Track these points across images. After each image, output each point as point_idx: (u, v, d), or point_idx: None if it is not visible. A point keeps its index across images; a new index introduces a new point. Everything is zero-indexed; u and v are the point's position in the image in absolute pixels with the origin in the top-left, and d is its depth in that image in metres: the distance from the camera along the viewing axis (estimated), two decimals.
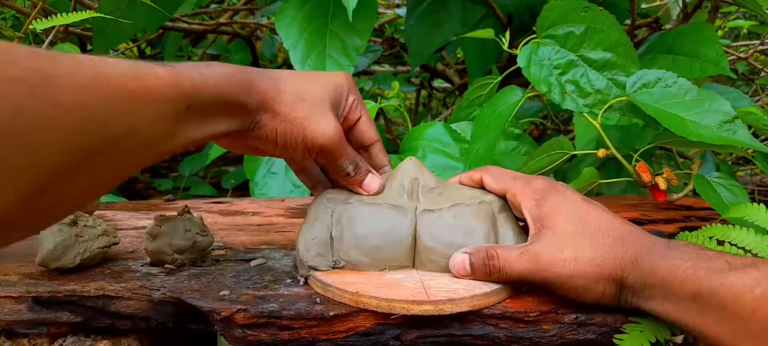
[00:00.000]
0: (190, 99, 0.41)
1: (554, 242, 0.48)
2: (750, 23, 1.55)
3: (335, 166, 0.54)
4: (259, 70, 0.50)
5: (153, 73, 0.38)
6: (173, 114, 0.40)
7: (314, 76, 0.54)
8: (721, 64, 0.87)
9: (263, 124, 0.49)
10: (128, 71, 0.36)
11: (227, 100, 0.45)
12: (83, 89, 0.33)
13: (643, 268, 0.46)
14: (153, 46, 1.74)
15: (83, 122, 0.33)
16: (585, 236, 0.48)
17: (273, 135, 0.50)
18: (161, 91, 0.38)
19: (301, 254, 0.53)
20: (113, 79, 0.35)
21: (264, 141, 0.50)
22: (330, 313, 0.47)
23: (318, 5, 0.95)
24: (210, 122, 0.44)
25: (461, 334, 0.48)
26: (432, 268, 0.53)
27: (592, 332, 0.49)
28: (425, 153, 0.86)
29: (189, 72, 0.41)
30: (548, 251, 0.48)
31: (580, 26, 0.79)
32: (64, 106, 0.32)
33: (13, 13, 1.15)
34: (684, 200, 0.83)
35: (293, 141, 0.50)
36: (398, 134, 1.63)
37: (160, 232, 0.55)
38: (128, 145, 0.37)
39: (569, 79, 0.78)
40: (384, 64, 2.00)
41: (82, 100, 0.33)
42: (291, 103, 0.50)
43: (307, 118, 0.50)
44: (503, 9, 1.12)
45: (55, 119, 0.31)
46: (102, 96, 0.34)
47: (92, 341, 0.52)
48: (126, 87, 0.35)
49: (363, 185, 0.56)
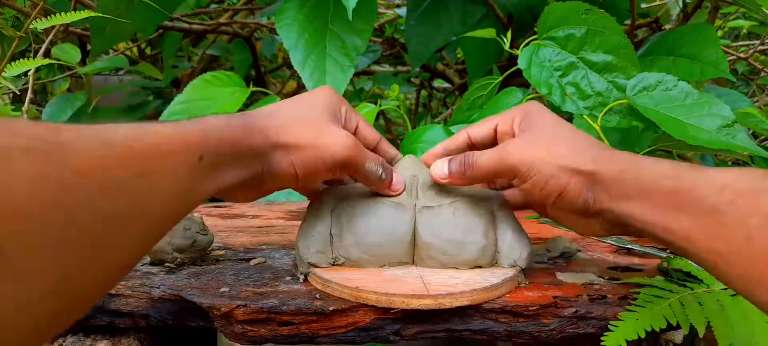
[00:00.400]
0: (200, 149, 0.40)
1: (526, 139, 0.50)
2: (750, 23, 1.55)
3: (363, 173, 0.52)
4: (251, 112, 0.49)
5: (156, 131, 0.37)
6: (187, 168, 0.38)
7: (302, 99, 0.53)
8: (720, 67, 0.87)
9: (278, 162, 0.48)
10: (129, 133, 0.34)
11: (234, 145, 0.44)
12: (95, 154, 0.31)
13: (618, 163, 0.46)
14: (152, 46, 1.74)
15: (105, 187, 0.31)
16: (558, 137, 0.49)
17: (291, 169, 0.48)
18: (169, 147, 0.37)
19: (301, 251, 0.53)
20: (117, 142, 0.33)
21: (284, 178, 0.49)
22: (329, 308, 0.48)
23: (318, 5, 0.95)
24: (224, 171, 0.43)
25: (461, 329, 0.49)
26: (431, 264, 0.53)
27: (592, 326, 0.49)
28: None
29: (192, 126, 0.40)
30: (517, 144, 0.50)
31: (581, 28, 0.79)
32: (82, 171, 0.29)
33: (13, 13, 1.15)
34: None
35: (314, 166, 0.49)
36: (398, 134, 1.63)
37: None
38: (151, 207, 0.35)
39: (570, 81, 0.79)
40: (384, 64, 2.00)
41: (98, 164, 0.31)
42: (296, 130, 0.49)
43: (318, 139, 0.49)
44: (503, 9, 1.12)
45: (77, 186, 0.29)
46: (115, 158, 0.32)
47: (92, 341, 0.52)
48: (132, 149, 0.34)
49: (392, 186, 0.55)
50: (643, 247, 0.63)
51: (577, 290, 0.52)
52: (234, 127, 0.44)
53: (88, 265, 0.30)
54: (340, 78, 0.90)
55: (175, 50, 1.61)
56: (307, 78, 0.89)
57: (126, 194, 0.32)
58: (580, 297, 0.51)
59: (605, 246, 0.65)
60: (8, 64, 0.77)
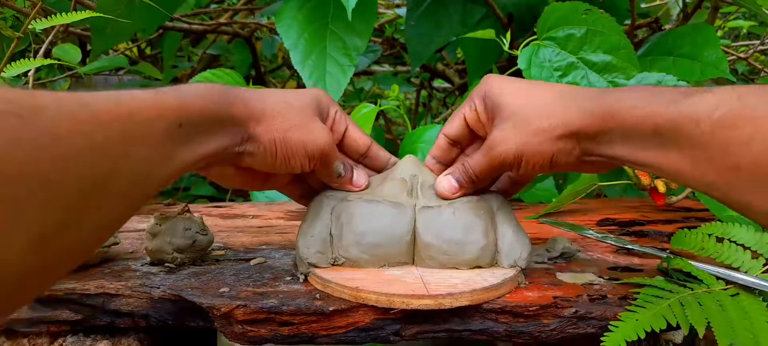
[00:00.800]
0: (179, 117, 0.40)
1: (501, 126, 0.50)
2: (750, 23, 1.55)
3: (329, 171, 0.54)
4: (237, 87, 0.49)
5: (133, 97, 0.37)
6: (164, 134, 0.38)
7: (292, 91, 0.54)
8: (720, 67, 0.87)
9: (259, 136, 0.48)
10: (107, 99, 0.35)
11: (214, 113, 0.44)
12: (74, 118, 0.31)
13: (596, 113, 0.46)
14: (153, 46, 1.74)
15: (83, 151, 0.31)
16: (526, 108, 0.49)
17: (272, 147, 0.48)
18: (146, 114, 0.37)
19: (301, 251, 0.53)
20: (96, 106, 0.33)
21: (262, 156, 0.48)
22: (329, 308, 0.48)
23: (318, 5, 0.95)
24: (204, 139, 0.43)
25: (461, 329, 0.49)
26: (431, 264, 0.53)
27: (592, 326, 0.49)
28: (424, 156, 0.86)
29: (169, 92, 0.40)
30: (497, 136, 0.50)
31: (580, 28, 0.79)
32: (60, 136, 0.30)
33: (12, 13, 1.15)
34: (683, 202, 0.83)
35: (295, 148, 0.49)
36: (398, 134, 1.63)
37: (159, 230, 0.55)
38: (129, 170, 0.35)
39: (570, 81, 0.79)
40: (384, 64, 2.00)
41: (76, 128, 0.31)
42: (282, 111, 0.49)
43: (302, 125, 0.49)
44: (503, 9, 1.12)
45: (55, 148, 0.29)
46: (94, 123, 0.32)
47: (92, 341, 0.52)
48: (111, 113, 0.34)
49: (353, 182, 0.56)
50: (643, 247, 0.63)
51: (577, 290, 0.52)
52: (216, 92, 0.45)
53: (68, 226, 0.31)
54: (340, 78, 0.90)
55: (175, 50, 1.61)
56: (307, 77, 0.89)
57: (103, 158, 0.33)
58: (580, 297, 0.51)
59: (605, 246, 0.65)
60: (8, 64, 0.77)
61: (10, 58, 0.80)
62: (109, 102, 0.35)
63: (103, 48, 1.16)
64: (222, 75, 0.94)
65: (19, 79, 0.95)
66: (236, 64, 1.63)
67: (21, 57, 0.84)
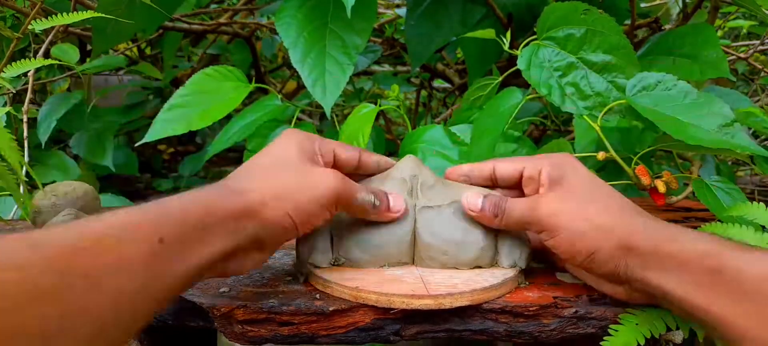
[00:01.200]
0: (157, 231, 0.37)
1: (558, 193, 0.49)
2: (750, 23, 1.55)
3: (356, 207, 0.50)
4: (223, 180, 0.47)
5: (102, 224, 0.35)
6: (143, 256, 0.36)
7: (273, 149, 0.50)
8: (721, 67, 0.87)
9: (272, 217, 0.44)
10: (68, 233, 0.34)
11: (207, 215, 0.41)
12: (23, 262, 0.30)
13: (656, 233, 0.45)
14: (152, 46, 1.74)
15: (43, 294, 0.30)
16: (592, 195, 0.48)
17: (288, 219, 0.45)
18: (115, 239, 0.35)
19: (301, 251, 0.53)
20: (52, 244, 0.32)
21: (282, 231, 0.46)
22: (329, 308, 0.48)
23: (318, 4, 0.95)
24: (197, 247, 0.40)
25: (461, 329, 0.49)
26: (431, 264, 0.53)
27: (592, 326, 0.49)
28: (425, 156, 0.86)
29: (147, 207, 0.39)
30: (548, 198, 0.49)
31: (580, 28, 0.79)
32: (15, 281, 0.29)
33: (12, 13, 1.15)
34: (683, 202, 0.83)
35: (310, 209, 0.46)
36: (398, 134, 1.63)
37: None
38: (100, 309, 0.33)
39: (569, 81, 0.78)
40: (384, 64, 2.00)
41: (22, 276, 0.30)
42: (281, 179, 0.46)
43: (306, 182, 0.47)
44: (503, 9, 1.12)
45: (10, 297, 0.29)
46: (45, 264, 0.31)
47: None
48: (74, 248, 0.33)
49: (391, 209, 0.52)
50: None
51: (577, 291, 0.52)
52: (204, 197, 0.42)
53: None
54: (339, 76, 0.90)
55: (175, 50, 1.61)
56: (306, 76, 0.89)
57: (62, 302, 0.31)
58: (580, 297, 0.51)
59: None
60: (8, 64, 0.77)
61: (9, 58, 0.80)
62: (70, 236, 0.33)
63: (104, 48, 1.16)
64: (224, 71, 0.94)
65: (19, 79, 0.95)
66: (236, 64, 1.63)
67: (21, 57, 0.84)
